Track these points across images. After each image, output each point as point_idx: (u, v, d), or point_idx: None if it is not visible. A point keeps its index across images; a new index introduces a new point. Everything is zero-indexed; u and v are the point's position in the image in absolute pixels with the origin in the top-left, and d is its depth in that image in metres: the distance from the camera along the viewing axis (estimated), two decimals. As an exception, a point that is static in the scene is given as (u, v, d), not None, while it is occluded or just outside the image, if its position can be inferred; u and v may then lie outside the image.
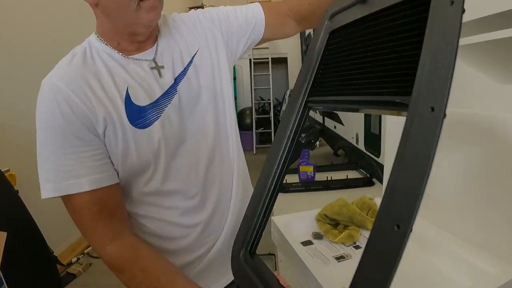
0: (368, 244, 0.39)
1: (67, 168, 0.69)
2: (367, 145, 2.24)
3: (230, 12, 0.92)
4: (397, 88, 0.44)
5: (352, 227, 1.15)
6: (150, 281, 0.70)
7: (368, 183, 1.76)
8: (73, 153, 0.70)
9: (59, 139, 0.69)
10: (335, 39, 0.62)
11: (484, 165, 0.92)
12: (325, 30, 0.65)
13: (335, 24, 0.63)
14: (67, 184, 0.69)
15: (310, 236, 1.13)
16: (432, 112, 0.35)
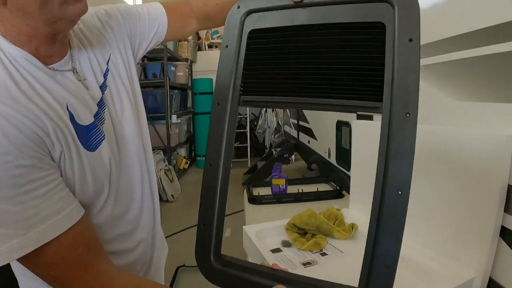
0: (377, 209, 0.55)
1: (32, 211, 0.52)
2: (339, 159, 2.32)
3: (133, 11, 0.82)
4: (365, 95, 0.58)
5: (319, 235, 1.21)
6: None
7: (338, 195, 1.82)
8: (35, 189, 0.53)
9: (13, 177, 0.51)
10: (260, 39, 0.65)
11: (442, 176, 0.99)
12: (243, 26, 0.66)
13: (255, 24, 0.66)
14: (38, 231, 0.52)
15: (279, 244, 1.17)
16: (408, 116, 0.53)
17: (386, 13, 0.56)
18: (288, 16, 0.63)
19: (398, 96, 0.54)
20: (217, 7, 0.89)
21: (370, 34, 0.57)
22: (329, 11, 0.60)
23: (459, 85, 1.13)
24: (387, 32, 0.55)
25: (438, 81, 1.20)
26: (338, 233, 1.21)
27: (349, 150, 2.09)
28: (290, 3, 0.62)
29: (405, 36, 0.54)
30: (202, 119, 5.88)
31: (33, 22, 0.56)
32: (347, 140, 2.13)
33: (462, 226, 0.90)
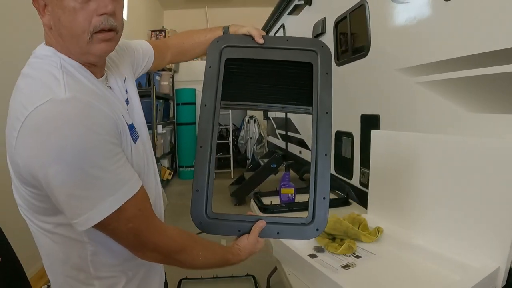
0: (314, 165, 0.93)
1: (117, 177, 0.66)
2: (338, 169, 2.42)
3: (132, 46, 1.00)
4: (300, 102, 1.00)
5: (348, 240, 1.27)
6: (212, 255, 0.85)
7: (345, 203, 1.90)
8: (118, 160, 0.67)
9: (107, 152, 0.65)
10: (233, 65, 1.01)
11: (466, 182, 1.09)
12: (221, 55, 1.01)
13: (229, 54, 1.01)
14: (123, 191, 0.66)
15: (312, 250, 1.23)
16: (327, 114, 0.95)
17: (313, 57, 0.99)
18: (253, 52, 1.01)
19: (321, 104, 0.96)
20: (191, 45, 1.12)
21: (304, 68, 0.99)
22: (280, 52, 1.00)
23: (471, 98, 1.24)
24: (314, 68, 0.98)
25: (452, 95, 1.31)
26: (364, 237, 1.29)
27: (351, 159, 2.19)
28: (255, 45, 1.00)
29: (323, 70, 0.98)
30: (185, 129, 5.86)
31: (75, 50, 0.70)
32: (348, 150, 2.23)
33: (486, 224, 1.02)
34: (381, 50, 1.77)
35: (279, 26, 4.08)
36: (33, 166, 0.62)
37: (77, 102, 0.63)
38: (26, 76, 0.68)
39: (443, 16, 1.32)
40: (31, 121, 0.61)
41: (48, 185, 0.62)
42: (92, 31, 0.69)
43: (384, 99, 1.77)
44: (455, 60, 1.26)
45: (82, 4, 0.67)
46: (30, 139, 0.61)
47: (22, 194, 0.70)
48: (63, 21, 0.67)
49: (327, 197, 0.92)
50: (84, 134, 0.61)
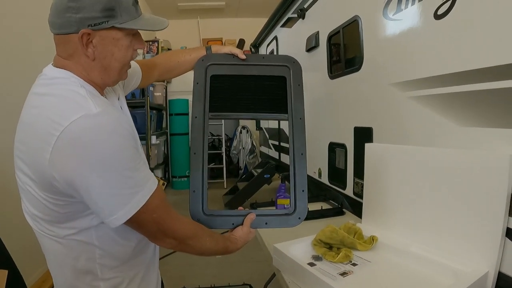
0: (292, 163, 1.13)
1: (142, 174, 0.77)
2: (332, 179, 2.47)
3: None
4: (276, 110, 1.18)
5: (344, 248, 1.31)
6: (215, 243, 0.96)
7: (339, 213, 1.95)
8: (140, 161, 0.78)
9: (133, 154, 0.75)
10: (218, 80, 1.17)
11: (456, 191, 1.15)
12: (206, 72, 1.16)
13: (214, 71, 1.17)
14: (147, 186, 0.77)
15: (310, 259, 1.27)
16: (301, 120, 1.15)
17: (287, 72, 1.18)
18: (235, 69, 1.18)
19: (295, 111, 1.14)
20: (177, 64, 1.24)
21: (280, 81, 1.18)
22: (259, 68, 1.19)
23: (461, 112, 1.31)
24: (287, 81, 1.17)
25: (442, 109, 1.38)
26: (360, 245, 1.33)
27: (344, 170, 2.25)
28: (236, 62, 1.18)
29: (295, 83, 1.17)
30: (178, 140, 5.87)
31: (106, 78, 0.84)
32: (341, 160, 2.28)
33: (475, 231, 1.08)
34: (373, 65, 1.84)
35: (272, 38, 4.16)
36: (73, 175, 0.70)
37: (107, 115, 0.73)
38: (45, 95, 0.75)
39: (433, 34, 1.39)
40: (68, 134, 0.68)
41: (87, 189, 0.71)
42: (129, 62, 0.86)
43: (377, 112, 1.83)
44: (445, 76, 1.32)
45: (130, 42, 0.83)
46: (69, 150, 0.69)
47: (45, 205, 0.76)
48: (117, 56, 0.81)
49: (305, 190, 1.10)
50: (118, 141, 0.72)
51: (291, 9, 3.20)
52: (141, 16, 0.84)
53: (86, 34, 0.76)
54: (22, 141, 0.76)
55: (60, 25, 0.76)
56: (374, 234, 1.38)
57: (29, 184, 0.76)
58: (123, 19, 0.79)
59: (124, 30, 0.80)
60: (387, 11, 1.67)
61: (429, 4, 1.39)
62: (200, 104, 1.13)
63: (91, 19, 0.75)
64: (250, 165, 6.10)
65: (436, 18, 1.36)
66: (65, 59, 0.80)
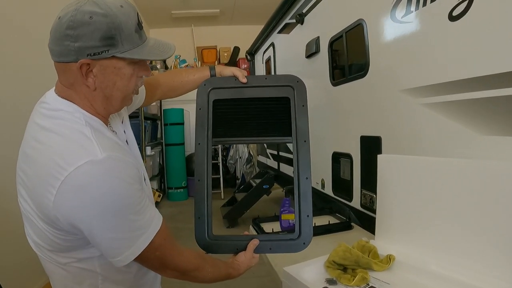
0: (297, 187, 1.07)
1: (147, 216, 0.76)
2: (337, 190, 2.36)
3: None
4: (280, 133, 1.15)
5: (360, 270, 1.21)
6: (218, 272, 0.96)
7: (347, 227, 1.84)
8: (143, 202, 0.76)
9: (138, 198, 0.74)
10: (220, 104, 1.13)
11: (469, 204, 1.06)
12: (208, 97, 1.12)
13: (216, 96, 1.12)
14: (152, 226, 0.77)
15: (324, 283, 1.15)
16: (305, 142, 1.09)
17: (290, 92, 1.12)
18: (237, 92, 1.12)
19: (299, 133, 1.09)
20: (181, 83, 1.21)
21: (284, 103, 1.11)
22: (261, 90, 1.12)
23: (484, 120, 1.21)
24: (291, 102, 1.11)
25: (461, 117, 1.28)
26: (376, 265, 1.22)
27: (350, 181, 2.14)
28: (239, 84, 1.12)
29: (300, 103, 1.11)
30: (173, 150, 5.73)
31: (109, 107, 0.81)
32: (347, 171, 2.18)
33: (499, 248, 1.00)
34: (381, 71, 1.75)
35: (268, 45, 4.08)
36: (77, 219, 0.69)
37: (111, 160, 0.70)
38: (50, 131, 0.72)
39: (448, 36, 1.30)
40: (73, 180, 0.67)
41: (90, 233, 0.71)
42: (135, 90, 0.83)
43: (386, 120, 1.73)
44: (463, 81, 1.23)
45: (133, 70, 0.79)
46: (74, 196, 0.68)
47: (47, 236, 0.76)
48: (119, 85, 0.78)
49: (311, 215, 1.07)
50: (123, 188, 0.71)
51: (289, 14, 3.12)
52: (145, 42, 0.79)
53: (85, 64, 0.72)
54: (25, 172, 0.75)
55: (59, 53, 0.73)
56: (390, 252, 1.28)
57: (31, 214, 0.76)
58: (124, 47, 0.74)
59: (125, 59, 0.76)
60: (395, 14, 1.58)
61: (442, 5, 1.31)
62: (203, 130, 1.11)
63: (90, 48, 0.71)
64: (247, 175, 5.97)
65: (451, 20, 1.27)
66: (68, 88, 0.77)
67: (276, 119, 1.17)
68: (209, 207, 1.08)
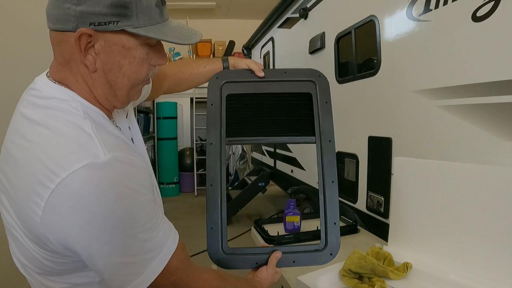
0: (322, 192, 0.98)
1: (161, 233, 0.63)
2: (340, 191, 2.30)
3: None
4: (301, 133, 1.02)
5: (376, 278, 1.15)
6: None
7: (354, 230, 1.79)
8: (157, 216, 0.63)
9: (151, 210, 0.61)
10: (235, 101, 1.01)
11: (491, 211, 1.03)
12: (221, 91, 1.01)
13: (230, 90, 1.01)
14: (167, 246, 0.64)
15: (341, 293, 1.10)
16: (330, 142, 1.00)
17: (312, 88, 1.02)
18: (253, 86, 1.02)
19: (323, 133, 1.00)
20: (189, 76, 1.08)
21: (304, 99, 1.02)
22: (280, 85, 1.03)
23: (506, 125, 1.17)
24: (313, 98, 1.01)
25: (483, 121, 1.23)
26: (393, 273, 1.17)
27: (355, 182, 2.09)
28: (254, 78, 1.01)
29: (323, 100, 1.01)
30: (165, 145, 5.62)
31: (112, 98, 0.65)
32: (352, 172, 2.13)
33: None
34: (394, 69, 1.69)
35: (267, 40, 4.00)
36: (72, 241, 0.54)
37: (118, 163, 0.56)
38: (40, 125, 0.57)
39: (471, 38, 1.25)
40: (66, 189, 0.52)
41: (90, 257, 0.56)
42: (145, 80, 0.68)
43: (397, 121, 1.68)
44: (487, 84, 1.18)
45: (147, 55, 0.64)
46: (67, 211, 0.52)
47: (35, 257, 0.60)
48: (126, 71, 0.62)
49: (338, 223, 0.99)
50: (132, 199, 0.57)
51: (291, 8, 3.05)
52: (166, 21, 0.65)
53: (86, 35, 0.57)
54: (7, 176, 0.59)
55: (57, 18, 0.57)
56: (405, 259, 1.23)
57: (15, 230, 0.60)
58: (139, 22, 0.59)
59: (139, 37, 0.61)
60: (411, 11, 1.52)
61: (465, 5, 1.25)
62: (216, 129, 0.99)
63: (95, 15, 0.56)
64: (240, 171, 5.90)
65: (474, 21, 1.22)
66: (62, 67, 0.62)
67: (297, 117, 1.04)
68: (223, 216, 0.95)
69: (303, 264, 1.00)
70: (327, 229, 0.99)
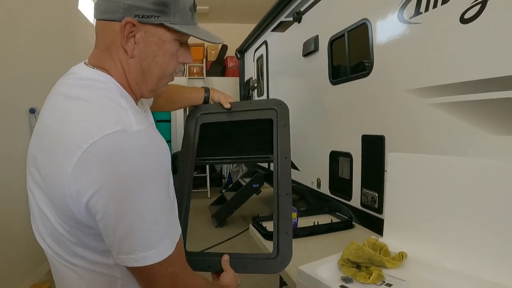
0: (276, 203, 1.05)
1: (172, 215, 0.67)
2: (334, 189, 2.37)
3: None
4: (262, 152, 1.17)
5: (373, 267, 1.21)
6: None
7: (349, 226, 1.85)
8: (170, 200, 0.67)
9: (166, 184, 0.64)
10: (206, 128, 1.19)
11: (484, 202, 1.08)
12: (196, 121, 1.19)
13: (204, 120, 1.19)
14: (175, 233, 0.67)
15: (340, 281, 1.15)
16: (286, 159, 1.09)
17: (273, 114, 1.16)
18: (223, 116, 1.18)
19: (280, 151, 1.10)
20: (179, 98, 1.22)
21: (266, 125, 1.15)
22: (246, 113, 1.17)
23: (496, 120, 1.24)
24: (274, 123, 1.14)
25: (472, 117, 1.30)
26: (389, 263, 1.23)
27: (350, 180, 2.16)
28: (223, 110, 1.17)
29: (282, 123, 1.13)
30: (158, 148, 5.63)
31: (142, 85, 0.73)
32: (346, 170, 2.19)
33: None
34: (386, 70, 1.76)
35: (260, 43, 4.07)
36: (93, 198, 0.57)
37: (149, 134, 0.61)
38: (77, 98, 0.63)
39: (459, 39, 1.32)
40: (97, 149, 0.56)
41: (105, 217, 0.58)
42: (172, 75, 0.77)
43: (390, 119, 1.75)
44: (475, 82, 1.25)
45: (176, 51, 0.73)
46: (95, 167, 0.57)
47: (55, 228, 0.65)
48: (159, 60, 0.71)
49: (290, 232, 1.02)
50: (157, 169, 0.61)
51: (285, 12, 3.12)
52: (196, 25, 0.76)
53: (130, 24, 0.66)
54: (40, 148, 0.64)
55: (106, 9, 0.67)
56: (400, 249, 1.28)
57: (41, 200, 0.65)
58: (175, 19, 0.69)
59: (173, 33, 0.71)
60: (403, 14, 1.60)
61: (454, 8, 1.33)
62: (188, 150, 1.17)
63: (140, 9, 0.66)
64: (234, 174, 5.94)
65: (462, 22, 1.29)
66: (103, 53, 0.70)
67: (259, 139, 1.20)
68: (185, 222, 1.07)
69: (254, 271, 1.03)
70: (279, 239, 1.01)
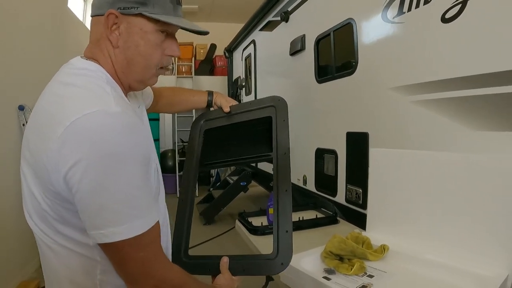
0: (276, 202, 1.02)
1: (148, 200, 0.69)
2: (320, 186, 2.40)
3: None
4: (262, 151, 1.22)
5: (355, 260, 1.24)
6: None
7: (334, 221, 1.88)
8: (148, 184, 0.71)
9: (143, 165, 0.68)
10: (210, 134, 1.22)
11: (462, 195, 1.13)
12: (200, 128, 1.23)
13: (207, 126, 1.23)
14: (150, 217, 0.69)
15: (323, 272, 1.17)
16: (285, 154, 1.09)
17: (272, 111, 1.17)
18: (225, 120, 1.21)
19: (279, 146, 1.10)
20: (180, 101, 1.27)
21: (266, 123, 1.16)
22: (245, 114, 1.20)
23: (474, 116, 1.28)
24: (273, 120, 1.15)
25: (452, 113, 1.35)
26: (371, 255, 1.26)
27: (335, 177, 2.19)
28: (223, 114, 1.20)
29: (281, 118, 1.14)
30: (146, 146, 5.60)
31: (128, 74, 0.78)
32: (331, 167, 2.23)
33: (492, 235, 1.05)
34: (370, 69, 1.80)
35: (249, 42, 4.08)
36: (70, 172, 0.61)
37: (126, 116, 0.66)
38: (69, 84, 0.69)
39: (440, 38, 1.36)
40: (78, 125, 0.61)
41: (80, 188, 0.61)
42: (158, 67, 0.80)
43: (373, 116, 1.79)
44: (455, 80, 1.29)
45: (161, 42, 0.77)
46: (73, 143, 0.61)
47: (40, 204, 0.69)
48: (141, 50, 0.75)
49: (290, 230, 0.98)
50: (132, 148, 0.64)
51: (273, 12, 3.14)
52: (180, 17, 0.79)
53: (113, 15, 0.73)
54: (34, 130, 0.70)
55: (97, 6, 0.75)
56: (382, 243, 1.32)
57: (33, 181, 0.69)
58: (154, 10, 0.74)
59: (154, 23, 0.75)
60: (386, 14, 1.63)
61: (435, 7, 1.37)
62: (192, 157, 1.20)
63: (122, 1, 0.73)
64: (222, 172, 5.94)
65: (443, 22, 1.33)
66: (94, 46, 0.77)
67: (260, 139, 1.23)
68: (188, 227, 1.09)
69: (254, 273, 0.99)
70: (279, 237, 0.98)
